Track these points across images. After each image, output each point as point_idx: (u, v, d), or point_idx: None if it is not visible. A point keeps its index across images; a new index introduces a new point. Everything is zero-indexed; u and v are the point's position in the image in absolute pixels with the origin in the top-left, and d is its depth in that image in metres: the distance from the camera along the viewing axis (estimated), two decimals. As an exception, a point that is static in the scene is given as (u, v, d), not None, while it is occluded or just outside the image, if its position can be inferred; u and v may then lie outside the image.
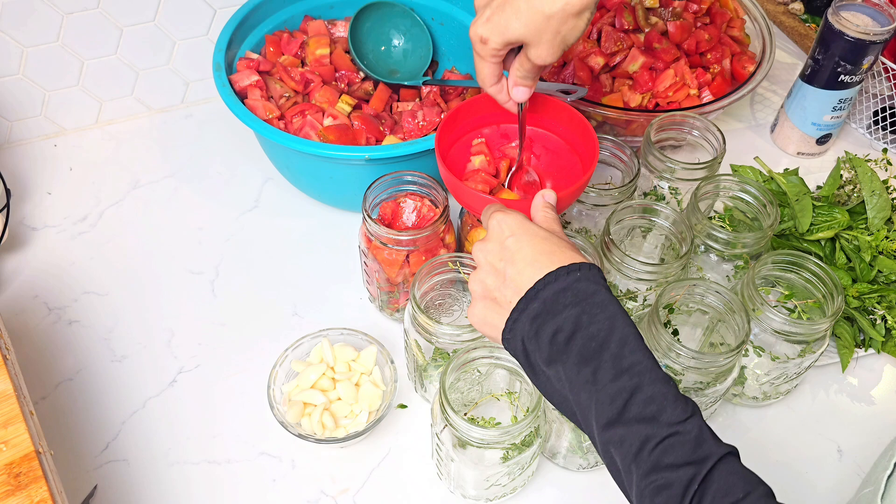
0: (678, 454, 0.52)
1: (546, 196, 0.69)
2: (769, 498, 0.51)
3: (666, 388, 0.54)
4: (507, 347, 0.61)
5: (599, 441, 0.55)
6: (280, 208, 1.03)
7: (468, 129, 0.85)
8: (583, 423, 0.57)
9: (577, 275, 0.58)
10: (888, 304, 0.89)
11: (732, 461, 0.52)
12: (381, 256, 0.83)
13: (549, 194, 0.69)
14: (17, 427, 0.65)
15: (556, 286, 0.58)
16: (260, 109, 0.95)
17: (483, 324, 0.62)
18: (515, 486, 0.78)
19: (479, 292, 0.63)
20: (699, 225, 0.84)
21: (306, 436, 0.78)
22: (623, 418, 0.53)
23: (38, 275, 0.95)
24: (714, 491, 0.50)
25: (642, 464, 0.52)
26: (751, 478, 0.52)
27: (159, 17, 1.04)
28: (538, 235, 0.61)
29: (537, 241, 0.61)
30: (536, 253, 0.60)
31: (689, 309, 0.81)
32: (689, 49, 1.06)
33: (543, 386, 0.60)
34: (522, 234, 0.62)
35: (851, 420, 0.87)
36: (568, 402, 0.57)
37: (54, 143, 1.09)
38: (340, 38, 1.06)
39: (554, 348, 0.57)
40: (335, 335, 0.84)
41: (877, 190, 0.94)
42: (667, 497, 0.51)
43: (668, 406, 0.53)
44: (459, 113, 0.83)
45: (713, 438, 0.53)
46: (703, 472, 0.51)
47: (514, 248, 0.61)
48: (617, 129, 1.05)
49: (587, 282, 0.58)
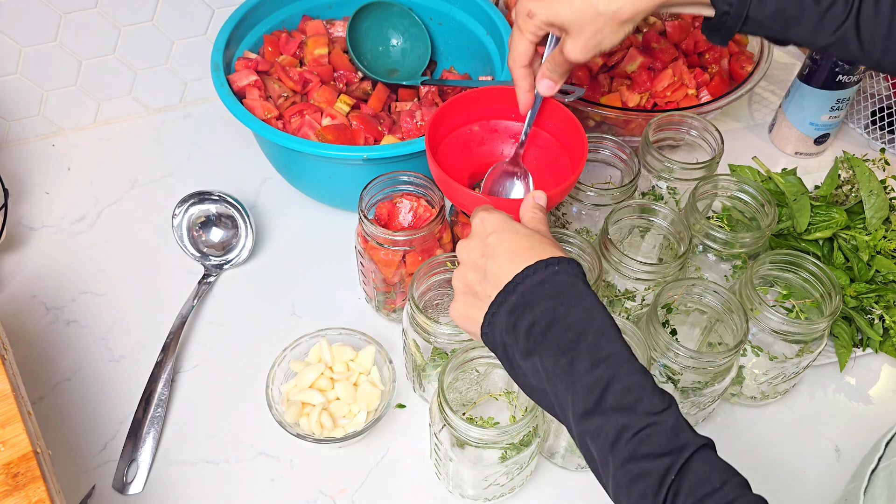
0: (655, 444, 0.52)
1: (536, 197, 0.69)
2: (745, 488, 0.51)
3: (643, 379, 0.54)
4: (486, 342, 0.61)
5: (577, 432, 0.55)
6: (279, 208, 1.03)
7: (458, 125, 0.85)
8: (560, 415, 0.57)
9: (555, 268, 0.58)
10: (886, 303, 0.89)
11: (708, 452, 0.52)
12: (377, 257, 0.83)
13: (540, 196, 0.70)
14: (14, 427, 0.65)
15: (535, 279, 0.58)
16: (258, 109, 0.94)
17: (464, 319, 0.63)
18: (514, 486, 0.78)
19: (461, 288, 0.63)
20: (697, 225, 0.84)
21: (305, 436, 0.78)
22: (600, 408, 0.53)
23: (36, 275, 0.95)
24: (690, 480, 0.51)
25: (619, 453, 0.52)
26: (727, 468, 0.52)
27: (157, 16, 1.04)
28: (519, 232, 0.62)
29: (518, 238, 0.61)
30: (517, 248, 0.60)
31: (688, 308, 0.81)
32: (687, 49, 1.06)
33: (522, 380, 0.60)
34: (504, 232, 0.62)
35: (849, 419, 0.87)
36: (546, 395, 0.57)
37: (52, 142, 1.09)
38: (339, 37, 1.06)
39: (531, 339, 0.57)
40: (333, 335, 0.84)
41: (874, 190, 0.94)
42: (643, 486, 0.51)
43: (645, 396, 0.53)
44: (449, 109, 0.83)
45: (689, 430, 0.53)
46: (679, 462, 0.51)
47: (494, 244, 0.62)
48: (615, 129, 1.05)
49: (565, 275, 0.58)
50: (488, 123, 0.86)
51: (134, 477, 0.79)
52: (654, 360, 0.75)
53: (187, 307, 0.91)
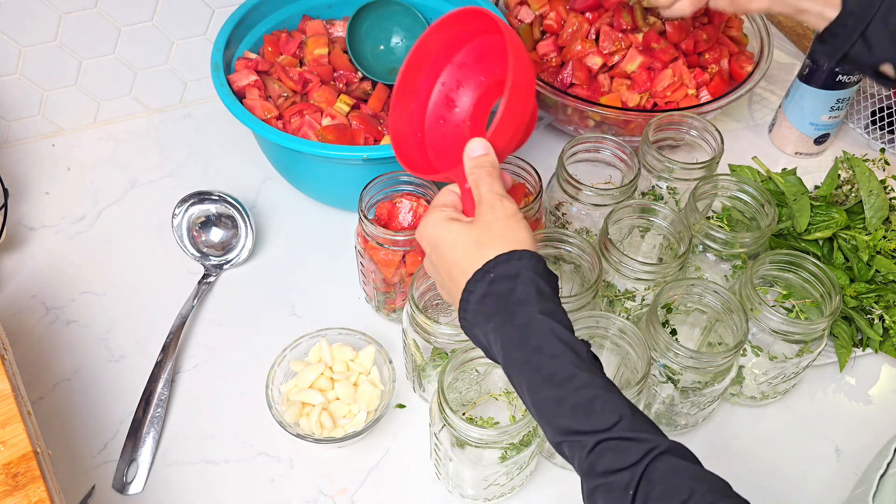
0: (610, 460, 0.51)
1: (470, 152, 0.64)
2: (718, 493, 0.49)
3: (590, 395, 0.53)
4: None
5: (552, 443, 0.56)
6: (279, 208, 1.03)
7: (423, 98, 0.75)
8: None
9: (490, 275, 0.58)
10: (886, 303, 0.89)
11: (671, 459, 0.51)
12: (377, 257, 0.83)
13: (474, 147, 0.64)
14: (14, 427, 0.65)
15: (477, 294, 0.58)
16: (258, 109, 0.94)
17: None
18: (514, 486, 0.78)
19: (445, 296, 0.65)
20: (697, 225, 0.84)
21: (304, 436, 0.78)
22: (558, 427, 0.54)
23: (36, 275, 0.95)
24: (655, 494, 0.49)
25: (581, 469, 0.53)
26: (695, 474, 0.50)
27: (157, 16, 1.04)
28: (449, 243, 0.61)
29: (447, 251, 0.61)
30: (450, 265, 0.61)
31: (688, 308, 0.81)
32: (687, 49, 1.06)
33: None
34: (436, 249, 0.62)
35: (849, 420, 0.87)
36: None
37: (52, 142, 1.09)
38: (339, 37, 1.06)
39: (498, 355, 0.58)
40: (333, 335, 0.84)
41: (874, 190, 0.94)
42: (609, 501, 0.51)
43: (593, 414, 0.52)
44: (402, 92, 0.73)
45: (649, 436, 0.52)
46: (638, 474, 0.50)
47: (437, 264, 0.63)
48: (615, 129, 1.05)
49: (503, 281, 0.57)
50: (453, 69, 0.74)
51: (134, 477, 0.79)
52: (655, 360, 0.75)
53: (187, 307, 0.91)
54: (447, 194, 0.67)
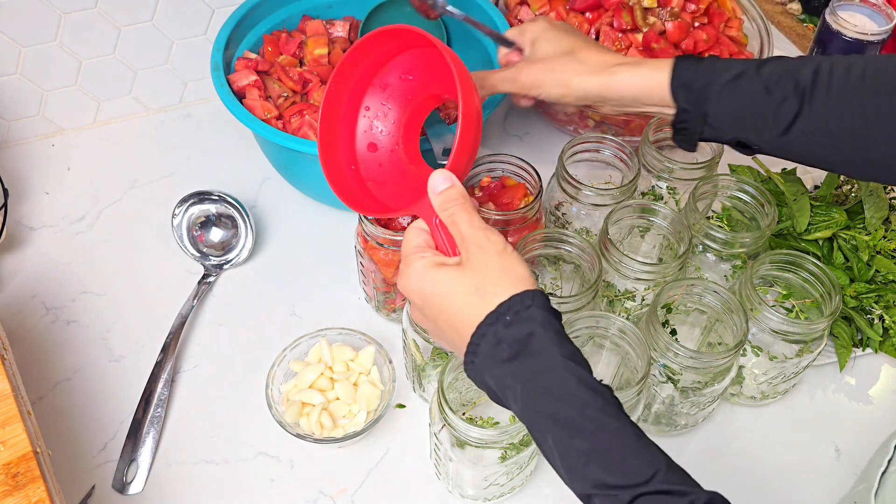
0: None
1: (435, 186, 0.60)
2: None
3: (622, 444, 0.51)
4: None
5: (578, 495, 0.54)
6: (279, 208, 1.03)
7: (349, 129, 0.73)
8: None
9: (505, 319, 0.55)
10: (886, 303, 0.89)
11: None
12: (377, 257, 0.83)
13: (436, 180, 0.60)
14: (14, 427, 0.65)
15: (490, 340, 0.55)
16: (258, 109, 0.94)
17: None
18: (514, 486, 0.78)
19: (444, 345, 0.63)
20: (697, 225, 0.84)
21: (304, 435, 0.78)
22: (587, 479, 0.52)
23: (36, 275, 0.95)
24: None
25: None
26: None
27: (157, 16, 1.04)
28: (440, 295, 0.58)
29: (443, 305, 0.58)
30: (450, 318, 0.58)
31: (688, 308, 0.81)
32: (686, 49, 1.06)
33: None
34: (431, 301, 0.59)
35: (849, 419, 0.87)
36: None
37: (52, 142, 1.09)
38: (339, 37, 1.06)
39: (517, 405, 0.55)
40: (333, 335, 0.84)
41: (874, 190, 0.94)
42: None
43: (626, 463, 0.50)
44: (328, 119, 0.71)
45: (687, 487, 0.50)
46: None
47: (433, 316, 0.59)
48: (615, 129, 1.05)
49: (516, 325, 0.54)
50: (375, 92, 0.71)
51: (134, 477, 0.79)
52: (654, 360, 0.75)
53: (187, 307, 0.91)
54: (416, 234, 0.63)
